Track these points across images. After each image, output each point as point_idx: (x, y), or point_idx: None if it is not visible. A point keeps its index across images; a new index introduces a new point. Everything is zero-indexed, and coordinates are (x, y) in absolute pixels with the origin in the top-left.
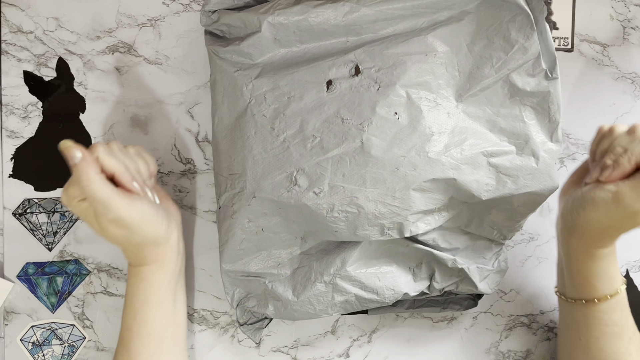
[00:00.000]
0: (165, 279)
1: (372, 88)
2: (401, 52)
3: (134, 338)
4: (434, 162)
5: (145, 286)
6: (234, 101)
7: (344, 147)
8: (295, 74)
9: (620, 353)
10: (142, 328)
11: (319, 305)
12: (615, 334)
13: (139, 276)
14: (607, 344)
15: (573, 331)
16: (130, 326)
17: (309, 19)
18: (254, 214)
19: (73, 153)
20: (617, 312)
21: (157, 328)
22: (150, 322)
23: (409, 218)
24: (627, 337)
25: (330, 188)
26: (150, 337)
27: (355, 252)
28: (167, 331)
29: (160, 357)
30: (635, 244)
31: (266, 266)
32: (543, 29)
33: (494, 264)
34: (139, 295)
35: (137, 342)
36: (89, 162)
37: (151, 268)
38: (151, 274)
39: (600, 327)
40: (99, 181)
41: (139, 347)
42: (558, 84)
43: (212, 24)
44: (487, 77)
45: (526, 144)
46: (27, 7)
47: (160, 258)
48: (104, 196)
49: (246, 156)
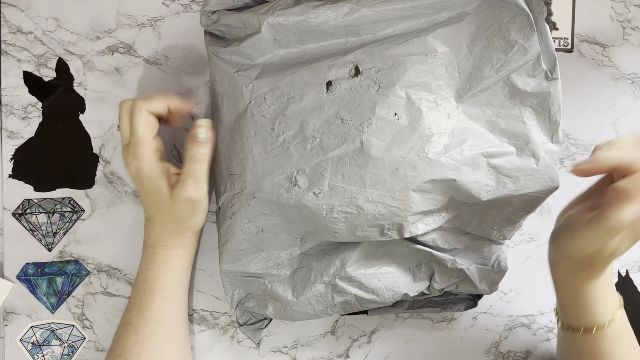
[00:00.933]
0: (186, 265)
1: (371, 89)
2: (401, 53)
3: (144, 322)
4: (433, 163)
5: (168, 271)
6: (233, 102)
7: (344, 147)
8: (295, 75)
9: None
10: (156, 313)
11: (319, 306)
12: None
13: (163, 260)
14: None
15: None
16: (143, 310)
17: (309, 20)
18: (254, 214)
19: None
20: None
21: (169, 315)
22: (166, 308)
23: (409, 219)
24: None
25: (330, 189)
26: (161, 323)
27: (355, 253)
28: (177, 319)
29: (166, 344)
30: (636, 244)
31: (266, 267)
32: (543, 29)
33: (493, 264)
34: (160, 280)
35: (147, 327)
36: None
37: (177, 253)
38: (175, 259)
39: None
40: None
41: (148, 331)
42: (558, 84)
43: (212, 24)
44: (487, 78)
45: (526, 145)
46: (27, 7)
47: (189, 244)
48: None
49: (246, 157)
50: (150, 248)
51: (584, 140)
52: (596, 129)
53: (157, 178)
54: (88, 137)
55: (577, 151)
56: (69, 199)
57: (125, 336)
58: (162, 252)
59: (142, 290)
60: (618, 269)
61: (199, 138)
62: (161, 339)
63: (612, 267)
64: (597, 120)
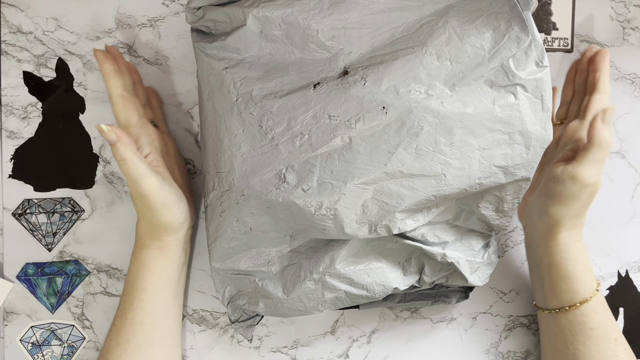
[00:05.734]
0: (166, 270)
1: (358, 84)
2: (389, 51)
3: (126, 324)
4: (422, 157)
5: (147, 273)
6: (220, 99)
7: (332, 144)
8: (285, 77)
9: (607, 356)
10: (137, 316)
11: (309, 303)
12: (600, 336)
13: (142, 261)
14: (595, 348)
15: (559, 341)
16: (125, 312)
17: (294, 12)
18: (243, 212)
19: (107, 137)
20: (600, 313)
21: (151, 318)
22: (147, 311)
23: (397, 215)
24: (613, 339)
25: (319, 185)
26: (142, 326)
27: (344, 250)
28: (160, 324)
29: (147, 348)
30: (636, 245)
31: (256, 264)
32: (528, 18)
33: (483, 256)
34: (140, 282)
35: (129, 329)
36: (123, 144)
37: (154, 254)
38: (153, 261)
39: (585, 332)
40: (131, 161)
41: (129, 334)
42: (548, 72)
43: (198, 20)
44: (481, 66)
45: (519, 133)
46: (27, 7)
47: (165, 246)
48: (134, 175)
49: (234, 154)
50: (135, 247)
51: None
52: None
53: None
54: (88, 137)
55: None
56: (68, 199)
57: (109, 337)
58: (141, 251)
59: (126, 291)
60: (618, 269)
61: (111, 142)
62: (142, 343)
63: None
64: None
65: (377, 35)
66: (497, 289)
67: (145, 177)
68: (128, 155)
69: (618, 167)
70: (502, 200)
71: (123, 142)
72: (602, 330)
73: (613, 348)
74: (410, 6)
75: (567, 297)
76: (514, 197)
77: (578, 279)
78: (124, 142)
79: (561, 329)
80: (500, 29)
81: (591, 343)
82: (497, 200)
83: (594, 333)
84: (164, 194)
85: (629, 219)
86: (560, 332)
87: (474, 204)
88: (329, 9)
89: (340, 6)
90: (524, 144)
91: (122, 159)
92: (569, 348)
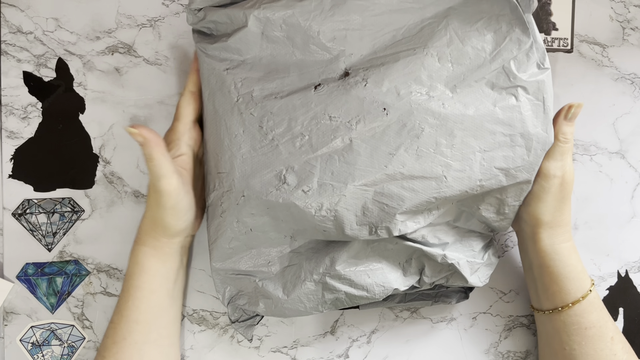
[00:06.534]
0: (160, 270)
1: (359, 85)
2: (390, 53)
3: (122, 322)
4: (423, 159)
5: (140, 271)
6: (220, 99)
7: (333, 145)
8: (286, 79)
9: (604, 355)
10: (132, 313)
11: (310, 303)
12: (596, 335)
13: (137, 257)
14: (591, 347)
15: (556, 342)
16: (122, 309)
17: (296, 13)
18: (243, 213)
19: (136, 138)
20: (594, 313)
21: (146, 317)
22: (142, 310)
23: (398, 217)
24: (609, 337)
25: (319, 186)
26: (138, 324)
27: (344, 251)
28: (156, 323)
29: (144, 346)
30: (635, 245)
31: (256, 264)
32: (530, 20)
33: (483, 256)
34: (135, 279)
35: (124, 327)
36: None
37: (150, 252)
38: (146, 259)
39: (580, 332)
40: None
41: (124, 331)
42: (549, 74)
43: (199, 22)
44: (482, 68)
45: (520, 136)
46: (27, 7)
47: (160, 247)
48: (156, 172)
49: (234, 154)
50: (133, 243)
51: (583, 141)
52: (596, 129)
53: None
54: (88, 137)
55: (576, 151)
56: (68, 199)
57: (106, 334)
58: (138, 247)
59: (123, 289)
60: (618, 269)
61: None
62: (139, 341)
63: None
64: (597, 120)
65: (378, 36)
66: (497, 289)
67: (166, 177)
68: (155, 155)
69: (618, 167)
70: (503, 203)
71: (150, 143)
72: (597, 329)
73: (610, 347)
74: (412, 8)
75: (559, 298)
76: (514, 200)
77: (569, 279)
78: (152, 143)
79: (556, 329)
80: (502, 31)
81: (587, 342)
82: (498, 202)
83: (589, 332)
84: (178, 198)
85: (629, 219)
86: (555, 332)
87: (474, 205)
88: (330, 11)
89: (341, 8)
90: (525, 146)
91: (149, 157)
92: (565, 348)
